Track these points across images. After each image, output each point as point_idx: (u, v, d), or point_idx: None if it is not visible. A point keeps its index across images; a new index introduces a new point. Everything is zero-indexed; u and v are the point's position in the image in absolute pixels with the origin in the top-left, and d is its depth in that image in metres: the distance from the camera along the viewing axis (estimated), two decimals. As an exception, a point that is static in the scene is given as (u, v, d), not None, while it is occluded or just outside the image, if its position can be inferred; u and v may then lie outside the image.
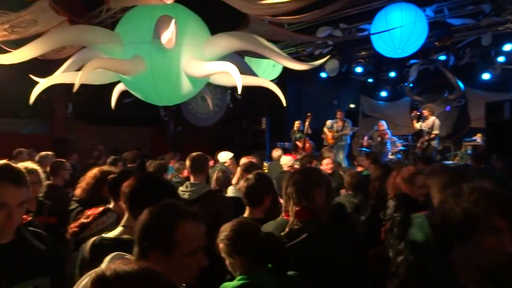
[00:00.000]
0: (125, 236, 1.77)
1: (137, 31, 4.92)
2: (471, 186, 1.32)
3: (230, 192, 3.85)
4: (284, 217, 2.09)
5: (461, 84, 10.56)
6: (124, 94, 6.26)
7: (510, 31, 8.35)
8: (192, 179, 3.21)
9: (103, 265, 1.19)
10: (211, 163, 7.29)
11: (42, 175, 3.04)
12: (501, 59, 9.70)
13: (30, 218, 2.23)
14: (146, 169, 5.65)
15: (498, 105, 7.70)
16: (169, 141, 12.21)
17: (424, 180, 2.73)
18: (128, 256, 1.34)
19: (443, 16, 7.47)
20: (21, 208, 1.57)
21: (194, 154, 3.31)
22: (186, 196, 2.99)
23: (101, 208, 2.46)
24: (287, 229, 1.98)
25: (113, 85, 6.03)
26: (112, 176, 2.61)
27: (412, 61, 10.22)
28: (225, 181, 3.82)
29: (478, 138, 9.86)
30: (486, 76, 10.65)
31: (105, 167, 3.20)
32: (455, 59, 9.74)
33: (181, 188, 3.16)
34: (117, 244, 1.69)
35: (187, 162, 3.28)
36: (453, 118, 11.82)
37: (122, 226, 1.88)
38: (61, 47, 5.73)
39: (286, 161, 5.68)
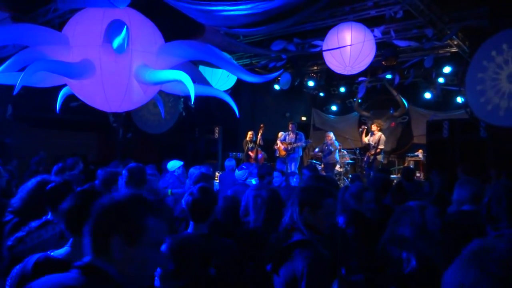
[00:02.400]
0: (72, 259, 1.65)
1: (87, 33, 4.73)
2: None
3: None
4: None
5: (405, 102, 11.12)
6: (70, 97, 5.97)
7: (449, 55, 8.97)
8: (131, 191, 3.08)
9: None
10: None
11: None
12: (441, 80, 10.29)
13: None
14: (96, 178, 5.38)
15: (438, 124, 8.21)
16: (118, 148, 11.77)
17: (371, 196, 2.82)
18: None
19: (389, 37, 7.84)
20: None
21: (132, 165, 3.20)
22: None
23: (41, 221, 2.31)
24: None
25: (58, 87, 5.73)
26: (51, 186, 2.46)
27: (360, 78, 10.62)
28: None
29: (420, 153, 10.45)
30: (427, 95, 11.28)
31: (46, 176, 3.01)
32: (400, 78, 10.19)
33: None
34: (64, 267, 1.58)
35: (125, 174, 3.14)
36: (398, 134, 12.41)
37: (69, 247, 1.77)
38: (2, 45, 5.38)
39: (240, 176, 5.64)
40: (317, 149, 10.78)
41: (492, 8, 6.70)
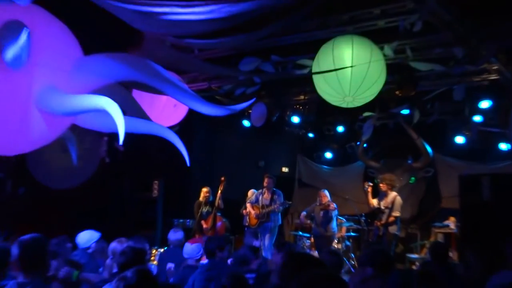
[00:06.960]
0: None
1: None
2: None
3: None
4: None
5: (429, 149, 11.35)
6: None
7: (488, 84, 9.26)
8: (21, 277, 3.01)
9: None
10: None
11: None
12: (477, 118, 10.45)
13: None
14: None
15: (475, 180, 8.40)
16: (3, 209, 11.43)
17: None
18: None
19: (405, 57, 8.14)
20: None
21: (25, 238, 3.14)
22: None
23: None
24: None
25: None
26: None
27: (366, 114, 10.91)
28: None
29: (451, 223, 10.56)
30: (459, 139, 11.44)
31: None
32: (420, 115, 10.51)
33: None
34: None
35: (14, 250, 3.08)
36: (420, 194, 12.54)
37: None
38: None
39: (192, 252, 5.54)
40: (304, 212, 10.61)
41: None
